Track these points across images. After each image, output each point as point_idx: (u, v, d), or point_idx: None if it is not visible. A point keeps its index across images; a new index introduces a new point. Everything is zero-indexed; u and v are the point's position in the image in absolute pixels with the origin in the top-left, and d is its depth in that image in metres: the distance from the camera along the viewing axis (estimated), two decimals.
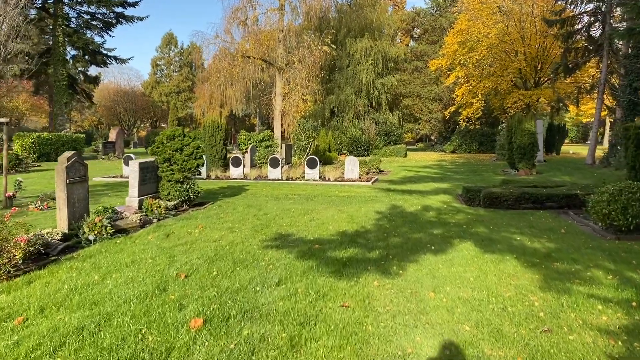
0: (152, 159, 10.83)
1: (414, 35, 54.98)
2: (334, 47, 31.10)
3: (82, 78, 36.22)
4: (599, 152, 23.84)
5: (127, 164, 18.31)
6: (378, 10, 41.33)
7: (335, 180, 17.00)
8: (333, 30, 32.47)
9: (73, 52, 35.88)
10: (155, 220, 9.30)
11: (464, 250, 6.90)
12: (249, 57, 27.96)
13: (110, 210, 9.19)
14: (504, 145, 28.05)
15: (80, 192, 7.98)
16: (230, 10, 27.52)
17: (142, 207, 9.76)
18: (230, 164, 18.06)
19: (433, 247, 6.99)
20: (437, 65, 34.80)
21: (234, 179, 17.52)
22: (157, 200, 9.83)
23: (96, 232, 7.64)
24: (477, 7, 29.02)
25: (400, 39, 53.47)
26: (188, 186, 10.73)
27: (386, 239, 7.55)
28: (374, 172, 20.14)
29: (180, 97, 68.49)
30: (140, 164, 10.14)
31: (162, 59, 74.01)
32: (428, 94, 44.54)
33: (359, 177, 17.24)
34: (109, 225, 7.94)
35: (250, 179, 17.28)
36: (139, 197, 10.15)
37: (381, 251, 6.75)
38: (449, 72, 35.20)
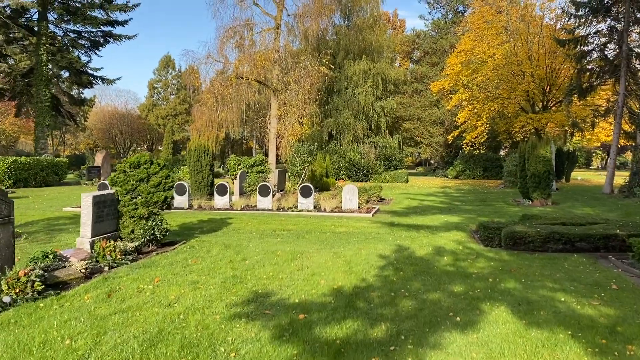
0: (112, 190, 9.11)
1: (414, 58, 53.97)
2: (332, 67, 29.78)
3: (66, 99, 34.59)
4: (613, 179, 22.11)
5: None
6: (377, 32, 40.27)
7: (332, 211, 15.25)
8: (330, 51, 31.27)
9: (64, 74, 34.50)
10: (106, 268, 7.53)
11: (499, 322, 5.13)
12: (242, 78, 26.57)
13: (51, 257, 7.45)
14: (512, 172, 26.45)
15: (1, 237, 6.24)
16: (223, 30, 26.20)
17: (94, 250, 8.01)
18: (215, 193, 16.33)
19: (458, 318, 5.22)
20: (439, 87, 33.40)
21: (219, 209, 15.74)
22: (112, 242, 8.08)
23: (17, 291, 5.88)
24: (482, 26, 27.74)
25: (399, 63, 52.43)
26: (154, 223, 8.99)
27: (394, 302, 5.78)
28: (374, 201, 18.44)
29: (177, 120, 67.19)
30: (94, 197, 8.41)
31: (159, 82, 73.00)
32: (429, 117, 43.14)
33: (358, 208, 15.51)
34: (39, 280, 6.19)
35: (237, 210, 15.50)
36: (92, 237, 8.40)
37: (389, 325, 4.97)
38: (451, 95, 33.80)
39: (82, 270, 7.09)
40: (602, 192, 21.71)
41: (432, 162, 65.78)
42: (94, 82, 34.09)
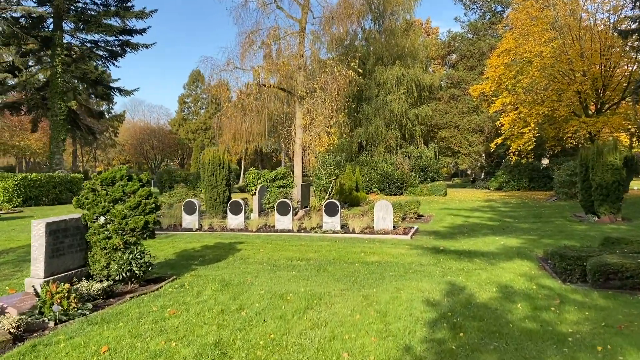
0: (76, 215, 7.17)
1: (450, 62, 51.24)
2: (361, 72, 27.66)
3: (84, 112, 33.52)
4: None
5: None
6: (411, 36, 38.04)
7: (362, 231, 13.01)
8: (359, 54, 29.16)
9: (80, 85, 33.51)
10: (51, 323, 5.55)
11: None
12: (264, 86, 24.73)
13: None
14: (565, 182, 23.55)
15: None
16: (244, 36, 24.43)
17: (40, 297, 6.03)
18: (228, 211, 14.31)
19: None
20: (479, 91, 30.66)
21: (232, 230, 13.70)
22: (67, 285, 6.08)
23: None
24: (526, 22, 25.02)
25: (433, 69, 49.81)
26: (131, 256, 6.98)
27: None
28: (411, 219, 16.08)
29: (207, 134, 66.74)
30: (49, 225, 6.47)
31: (189, 96, 73.23)
32: (467, 124, 40.23)
33: (394, 228, 13.18)
34: None
35: (252, 231, 13.41)
36: (47, 277, 6.46)
37: None
38: (493, 99, 30.97)
39: (11, 331, 5.10)
40: None
41: (468, 172, 62.36)
42: (110, 93, 32.88)
